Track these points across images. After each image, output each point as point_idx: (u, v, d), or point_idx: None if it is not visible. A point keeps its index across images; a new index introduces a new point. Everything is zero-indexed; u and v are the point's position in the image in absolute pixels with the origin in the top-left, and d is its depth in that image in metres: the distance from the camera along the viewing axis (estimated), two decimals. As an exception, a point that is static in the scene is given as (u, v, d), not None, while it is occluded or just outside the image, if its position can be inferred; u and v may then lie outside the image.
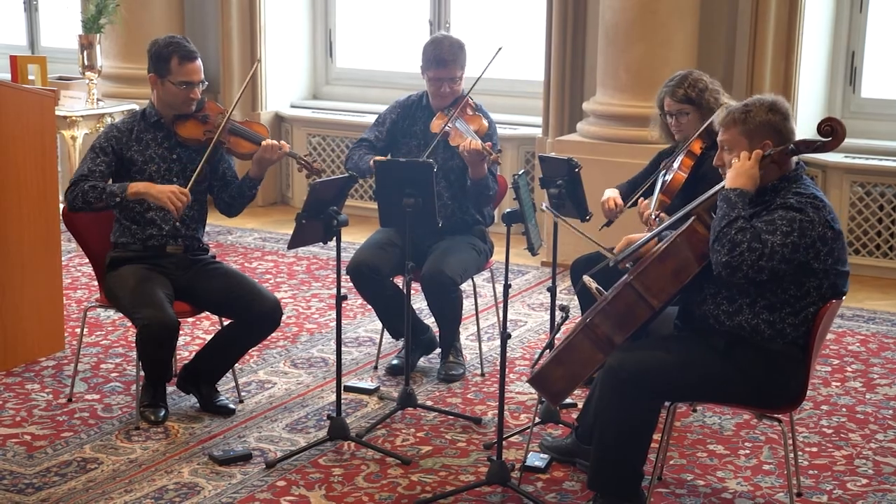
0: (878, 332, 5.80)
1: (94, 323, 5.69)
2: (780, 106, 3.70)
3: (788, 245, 3.51)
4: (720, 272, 3.54)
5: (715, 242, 3.55)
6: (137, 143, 4.62)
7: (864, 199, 6.68)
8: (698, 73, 4.77)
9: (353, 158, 5.14)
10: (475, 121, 5.03)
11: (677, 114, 4.69)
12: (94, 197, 4.45)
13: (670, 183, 4.60)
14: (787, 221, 3.53)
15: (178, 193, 4.45)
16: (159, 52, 4.62)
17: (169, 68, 4.59)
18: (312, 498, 4.03)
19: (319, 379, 5.10)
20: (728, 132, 3.72)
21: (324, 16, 8.43)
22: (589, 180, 4.71)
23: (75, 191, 4.47)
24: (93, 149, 4.61)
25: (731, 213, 3.55)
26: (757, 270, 3.51)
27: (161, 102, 4.66)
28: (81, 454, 4.32)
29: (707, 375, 3.70)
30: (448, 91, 5.07)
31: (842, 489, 4.14)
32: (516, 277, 6.59)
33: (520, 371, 5.19)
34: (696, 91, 4.65)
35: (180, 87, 4.59)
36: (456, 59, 5.04)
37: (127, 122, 4.69)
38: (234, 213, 4.84)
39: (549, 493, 4.07)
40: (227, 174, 4.77)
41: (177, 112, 4.65)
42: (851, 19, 6.91)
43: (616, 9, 6.50)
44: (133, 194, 4.46)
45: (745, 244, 3.49)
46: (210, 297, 4.63)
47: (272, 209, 8.22)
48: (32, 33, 9.37)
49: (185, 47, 4.63)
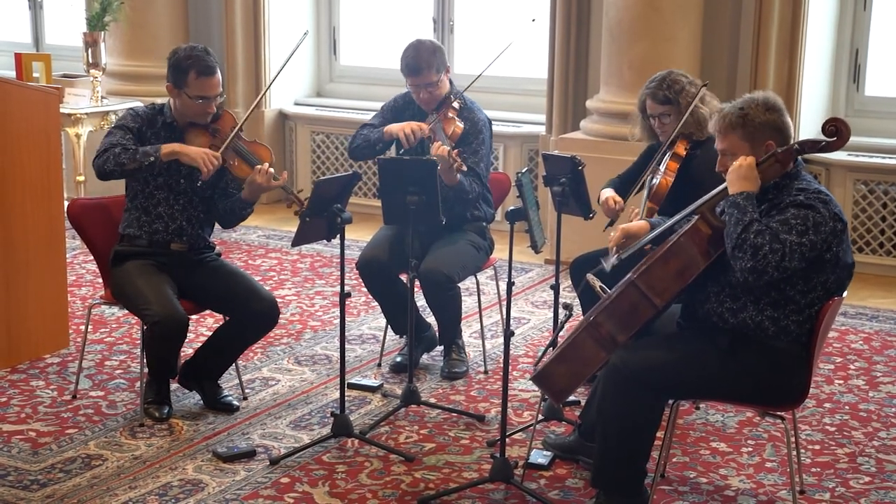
0: (882, 330, 5.80)
1: (98, 320, 5.71)
2: (775, 102, 3.68)
3: (806, 244, 3.51)
4: (746, 278, 3.52)
5: (735, 249, 3.53)
6: (155, 138, 4.61)
7: (867, 198, 6.68)
8: (677, 72, 4.75)
9: (362, 134, 5.13)
10: (450, 124, 5.01)
11: (660, 116, 4.68)
12: (128, 158, 4.43)
13: (657, 189, 4.59)
14: (801, 220, 3.53)
15: (211, 156, 4.47)
16: (178, 64, 4.58)
17: (186, 81, 4.55)
18: (316, 495, 4.04)
19: (323, 376, 5.11)
20: (727, 138, 3.68)
21: (328, 13, 8.44)
22: (592, 178, 4.71)
23: (106, 155, 4.44)
24: (119, 126, 4.58)
25: (744, 217, 3.53)
26: (782, 271, 3.50)
27: (177, 111, 4.65)
28: (86, 451, 4.34)
29: (710, 373, 3.70)
30: (427, 97, 5.05)
31: (844, 487, 4.14)
32: (520, 275, 6.60)
33: (523, 369, 5.20)
34: (673, 92, 4.63)
35: (196, 101, 4.57)
36: (430, 65, 5.00)
37: (148, 113, 4.67)
38: (226, 226, 4.81)
39: (552, 491, 4.08)
40: (229, 185, 4.72)
41: (191, 120, 4.64)
42: (855, 17, 6.91)
43: (619, 6, 6.50)
44: (167, 154, 4.46)
45: (767, 246, 3.48)
46: (209, 294, 4.64)
47: (276, 207, 8.22)
48: (37, 31, 9.38)
49: (204, 62, 4.56)
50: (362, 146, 5.12)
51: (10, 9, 9.49)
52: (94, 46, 7.35)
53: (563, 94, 7.15)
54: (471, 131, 5.05)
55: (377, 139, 5.05)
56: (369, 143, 5.08)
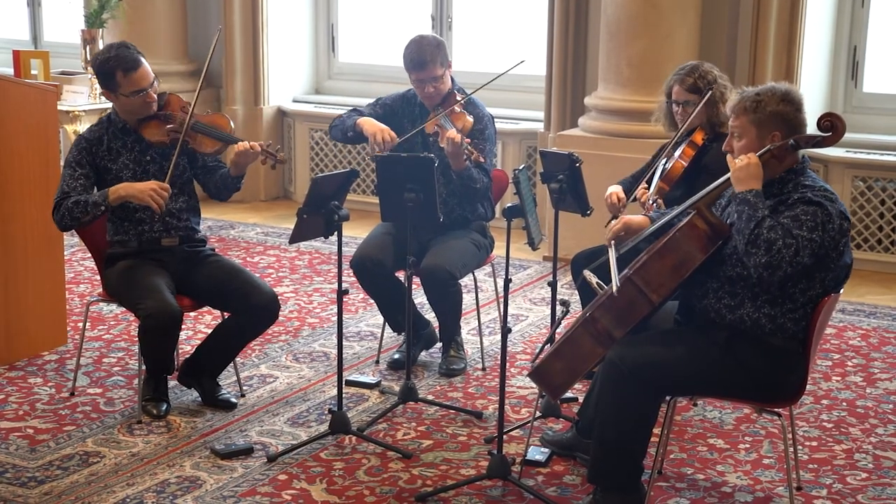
0: (879, 327, 5.80)
1: (96, 317, 5.71)
2: (794, 96, 3.68)
3: (816, 240, 3.51)
4: (761, 274, 3.51)
5: (748, 245, 3.52)
6: (109, 153, 4.61)
7: (865, 194, 6.68)
8: (709, 65, 4.81)
9: (342, 116, 5.17)
10: (460, 118, 5.02)
11: (684, 103, 4.71)
12: (80, 212, 4.44)
13: (670, 171, 4.64)
14: (811, 216, 3.53)
15: (159, 189, 4.44)
16: (102, 69, 4.58)
17: (116, 82, 4.56)
18: (314, 491, 4.04)
19: (321, 373, 5.12)
20: (738, 119, 3.70)
21: (326, 10, 8.44)
22: (590, 175, 4.71)
23: (61, 210, 4.47)
24: (68, 164, 4.58)
25: (755, 214, 3.53)
26: (795, 265, 3.50)
27: (123, 111, 4.65)
28: (84, 448, 4.34)
29: (707, 370, 3.71)
30: (433, 91, 5.07)
31: (841, 483, 4.15)
32: (517, 272, 6.60)
33: (521, 365, 5.20)
34: (705, 82, 4.67)
35: (133, 97, 4.57)
36: (434, 58, 5.02)
37: (95, 132, 4.66)
38: (224, 199, 4.84)
39: (549, 487, 4.08)
40: (207, 162, 4.74)
41: (139, 116, 4.63)
42: (853, 14, 6.91)
43: (618, 3, 6.50)
44: (115, 199, 4.45)
45: (781, 241, 3.48)
46: (209, 290, 4.64)
47: (274, 204, 8.24)
48: (35, 28, 9.38)
49: (125, 59, 4.56)
50: (337, 127, 5.18)
51: (8, 6, 9.49)
52: (92, 43, 7.35)
53: (561, 91, 7.15)
54: (476, 126, 5.07)
55: (350, 126, 5.09)
56: (343, 127, 5.13)
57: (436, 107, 5.08)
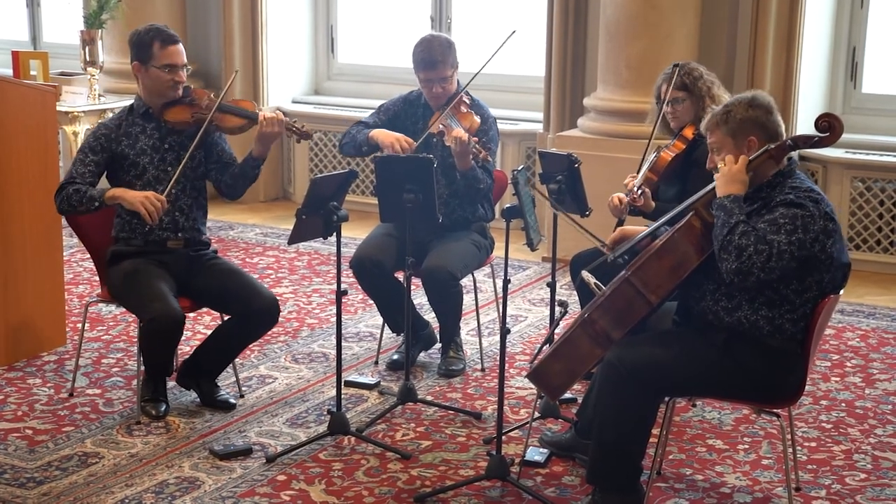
0: (878, 328, 5.80)
1: (95, 318, 5.71)
2: (760, 100, 3.72)
3: (795, 243, 3.52)
4: (732, 279, 3.54)
5: (721, 251, 3.55)
6: (127, 138, 4.62)
7: (864, 195, 6.68)
8: (694, 63, 4.91)
9: (351, 132, 5.16)
10: (467, 118, 5.03)
11: (673, 101, 4.77)
12: (77, 201, 4.47)
13: (657, 161, 4.74)
14: (790, 219, 3.54)
15: (153, 199, 4.44)
16: (141, 39, 4.64)
17: (151, 53, 4.60)
18: (312, 492, 4.04)
19: (320, 374, 5.12)
20: (713, 135, 3.76)
21: (325, 11, 8.44)
22: (589, 176, 4.72)
23: (62, 194, 4.51)
24: (82, 149, 4.62)
25: (729, 220, 3.56)
26: (768, 272, 3.51)
27: (147, 91, 4.66)
28: (82, 448, 4.34)
29: (706, 371, 3.71)
30: (440, 91, 5.07)
31: (840, 484, 4.15)
32: (516, 273, 6.60)
33: (520, 366, 5.20)
34: (691, 78, 4.76)
35: (164, 71, 4.60)
36: (445, 59, 5.02)
37: (115, 119, 4.71)
38: (236, 195, 4.80)
39: (548, 488, 4.08)
40: (222, 157, 4.75)
41: (164, 99, 4.65)
42: (852, 14, 6.91)
43: (617, 4, 6.50)
44: (110, 200, 4.47)
45: (752, 247, 3.49)
46: (209, 293, 4.64)
47: (273, 204, 8.24)
48: (34, 29, 9.37)
49: (165, 32, 4.65)
50: (349, 144, 5.16)
51: (7, 6, 9.48)
52: (91, 44, 7.34)
53: (560, 92, 7.15)
54: (482, 127, 5.08)
55: (363, 141, 5.08)
56: (356, 143, 5.12)
57: (441, 107, 5.09)
